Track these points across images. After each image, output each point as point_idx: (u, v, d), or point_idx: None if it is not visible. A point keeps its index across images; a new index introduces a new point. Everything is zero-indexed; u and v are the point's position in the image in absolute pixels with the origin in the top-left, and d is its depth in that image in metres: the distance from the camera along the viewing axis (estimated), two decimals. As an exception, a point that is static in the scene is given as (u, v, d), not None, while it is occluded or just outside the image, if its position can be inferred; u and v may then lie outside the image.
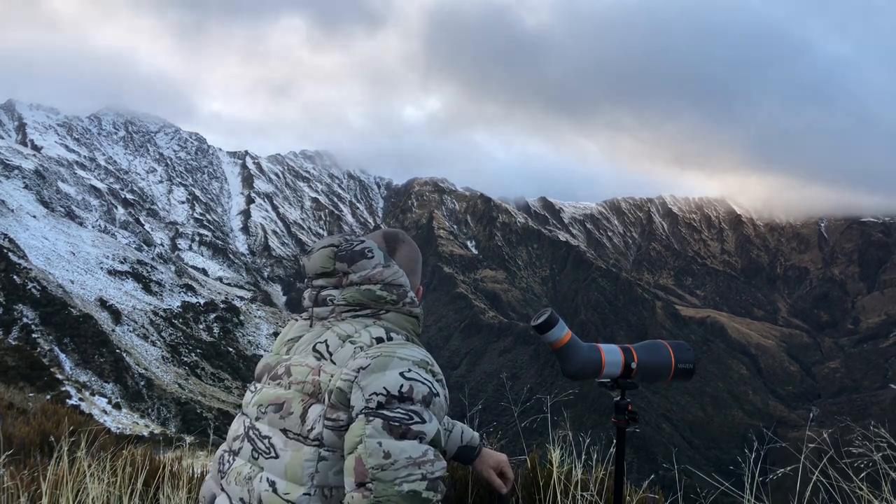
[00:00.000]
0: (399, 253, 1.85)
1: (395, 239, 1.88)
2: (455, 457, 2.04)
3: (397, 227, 1.90)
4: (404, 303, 1.75)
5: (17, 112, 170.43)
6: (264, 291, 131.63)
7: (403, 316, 1.74)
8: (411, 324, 1.75)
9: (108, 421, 19.42)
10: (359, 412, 1.48)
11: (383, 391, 1.47)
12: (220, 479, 1.69)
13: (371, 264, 1.74)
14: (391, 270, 1.76)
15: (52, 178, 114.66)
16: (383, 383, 1.48)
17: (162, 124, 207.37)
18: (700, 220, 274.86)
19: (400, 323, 1.73)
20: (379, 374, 1.50)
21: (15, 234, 70.93)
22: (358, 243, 1.78)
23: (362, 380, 1.51)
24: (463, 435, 2.05)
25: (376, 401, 1.46)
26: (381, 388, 1.48)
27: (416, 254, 1.90)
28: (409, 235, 1.95)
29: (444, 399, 1.57)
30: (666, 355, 1.83)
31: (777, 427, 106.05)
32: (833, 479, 2.11)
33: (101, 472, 2.62)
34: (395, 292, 1.74)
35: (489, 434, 2.74)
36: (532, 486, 2.36)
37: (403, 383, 1.48)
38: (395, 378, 1.49)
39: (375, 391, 1.48)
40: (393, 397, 1.46)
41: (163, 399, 52.07)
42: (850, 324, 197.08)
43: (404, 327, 1.73)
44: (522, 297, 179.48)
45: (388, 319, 1.72)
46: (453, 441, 2.03)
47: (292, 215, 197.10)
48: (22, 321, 52.86)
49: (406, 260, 1.85)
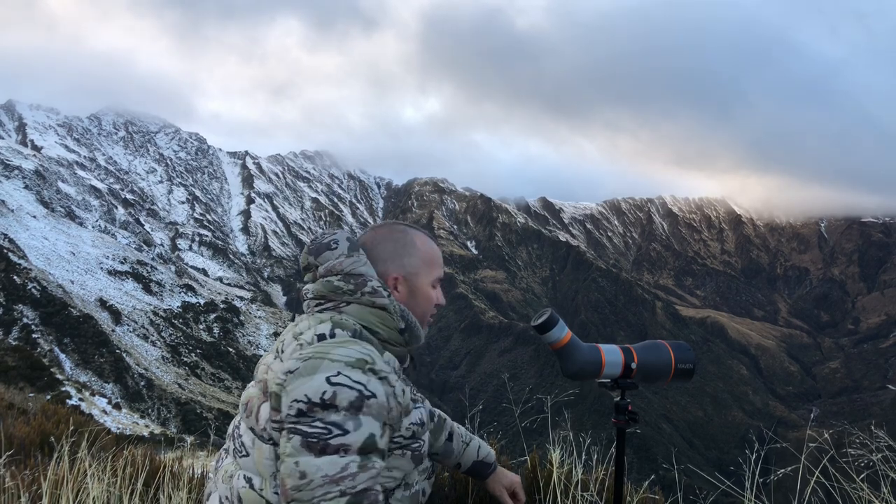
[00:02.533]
0: (374, 239, 1.75)
1: (375, 227, 1.80)
2: (469, 471, 2.03)
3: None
4: (363, 292, 1.63)
5: (17, 112, 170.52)
6: (264, 292, 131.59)
7: (367, 308, 1.63)
8: (378, 317, 1.63)
9: (108, 421, 19.41)
10: (283, 422, 1.43)
11: (304, 398, 1.39)
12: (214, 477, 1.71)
13: (334, 255, 1.68)
14: (351, 260, 1.67)
15: (52, 179, 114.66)
16: (305, 390, 1.40)
17: (162, 124, 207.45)
18: (700, 220, 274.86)
19: (362, 316, 1.63)
20: (305, 378, 1.42)
21: (15, 234, 70.96)
22: (328, 236, 1.73)
23: (289, 384, 1.44)
24: (480, 450, 2.02)
25: (296, 408, 1.40)
26: (303, 395, 1.40)
27: (398, 239, 1.75)
28: (409, 225, 1.83)
29: (386, 398, 1.47)
30: (666, 355, 1.82)
31: (777, 427, 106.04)
32: (833, 480, 2.12)
33: (101, 472, 2.62)
34: (353, 282, 1.64)
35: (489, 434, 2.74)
36: (532, 487, 2.36)
37: (327, 390, 1.39)
38: (320, 384, 1.40)
39: (297, 398, 1.41)
40: (314, 405, 1.38)
41: (163, 399, 52.07)
42: (850, 324, 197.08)
43: (367, 320, 1.63)
44: (522, 297, 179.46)
45: (349, 312, 1.63)
46: (468, 455, 2.00)
47: (292, 215, 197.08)
48: (22, 321, 52.88)
49: (380, 245, 1.74)
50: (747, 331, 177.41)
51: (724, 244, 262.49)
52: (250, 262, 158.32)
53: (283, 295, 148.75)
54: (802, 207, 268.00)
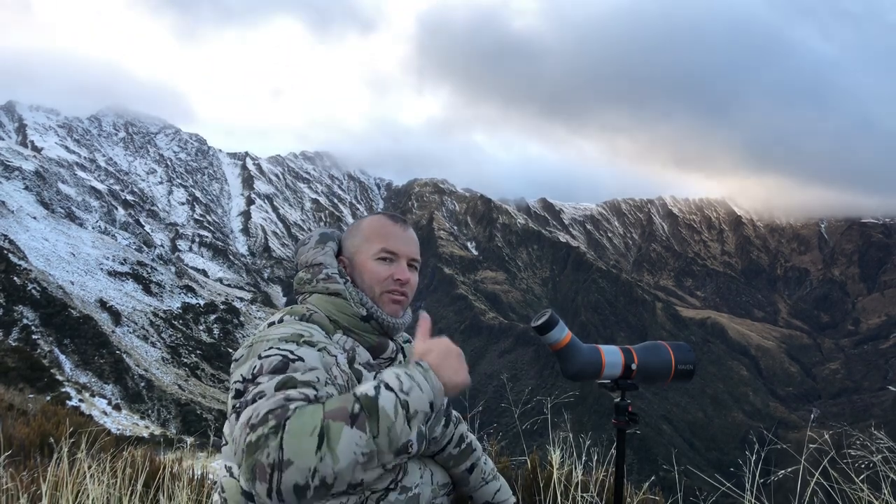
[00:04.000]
0: (350, 226, 1.79)
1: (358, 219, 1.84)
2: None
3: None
4: (317, 280, 1.66)
5: (17, 113, 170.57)
6: (264, 292, 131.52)
7: (323, 296, 1.65)
8: (334, 304, 1.63)
9: (107, 422, 19.40)
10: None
11: (239, 378, 1.40)
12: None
13: (305, 250, 1.73)
14: (315, 251, 1.70)
15: (53, 180, 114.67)
16: (241, 371, 1.41)
17: (162, 125, 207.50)
18: (700, 221, 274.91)
19: (320, 304, 1.64)
20: (243, 363, 1.44)
21: (15, 235, 70.95)
22: (308, 234, 1.77)
23: (233, 372, 1.46)
24: (497, 494, 1.94)
25: (234, 389, 1.40)
26: (239, 375, 1.41)
27: (352, 226, 1.79)
28: (378, 212, 1.84)
29: (314, 359, 1.42)
30: (666, 356, 1.82)
31: (777, 428, 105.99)
32: (834, 481, 2.11)
33: (101, 473, 2.62)
34: (311, 271, 1.68)
35: (489, 436, 2.75)
36: (532, 488, 2.37)
37: (256, 364, 1.39)
38: (253, 362, 1.40)
39: (236, 380, 1.42)
40: (247, 381, 1.37)
41: (163, 400, 52.02)
42: (850, 325, 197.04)
43: (325, 309, 1.63)
44: (522, 298, 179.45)
45: (312, 302, 1.65)
46: (482, 494, 1.92)
47: (292, 216, 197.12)
48: (22, 322, 52.84)
49: (350, 228, 1.78)
50: (747, 332, 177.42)
51: (725, 245, 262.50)
52: (250, 263, 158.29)
53: (283, 296, 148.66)
54: (802, 208, 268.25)
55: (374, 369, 1.63)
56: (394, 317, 1.69)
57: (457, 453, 1.87)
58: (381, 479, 1.54)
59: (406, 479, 1.62)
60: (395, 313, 1.70)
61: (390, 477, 1.57)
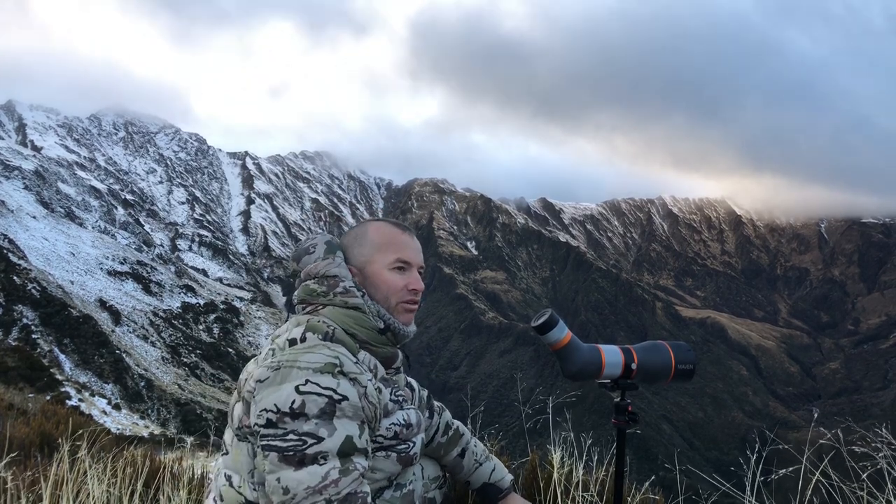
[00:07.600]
0: (346, 240, 1.76)
1: (356, 225, 1.82)
2: (479, 492, 2.01)
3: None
4: (335, 293, 1.64)
5: (17, 112, 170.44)
6: (264, 292, 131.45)
7: (340, 309, 1.63)
8: (353, 318, 1.62)
9: (107, 422, 19.42)
10: (252, 429, 1.46)
11: (273, 408, 1.40)
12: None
13: (312, 259, 1.70)
14: (326, 262, 1.67)
15: (52, 179, 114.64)
16: (274, 399, 1.41)
17: (162, 125, 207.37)
18: (700, 220, 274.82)
19: (337, 317, 1.62)
20: (274, 388, 1.42)
21: (15, 234, 70.92)
22: (308, 241, 1.74)
23: (258, 394, 1.45)
24: (493, 473, 1.98)
25: (265, 418, 1.41)
26: (272, 404, 1.40)
27: (356, 234, 1.77)
28: (377, 218, 1.86)
29: (359, 397, 1.47)
30: (666, 356, 1.82)
31: (777, 428, 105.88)
32: (834, 481, 2.11)
33: (101, 473, 2.62)
34: (326, 283, 1.65)
35: (490, 435, 2.75)
36: (532, 487, 2.37)
37: (296, 399, 1.39)
38: (289, 393, 1.40)
39: (266, 407, 1.41)
40: (284, 414, 1.39)
41: (163, 400, 52.02)
42: (850, 325, 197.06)
43: (343, 322, 1.61)
44: (522, 297, 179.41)
45: (325, 315, 1.63)
46: (479, 476, 1.97)
47: (292, 216, 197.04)
48: (22, 322, 52.82)
49: (347, 245, 1.75)
50: (747, 331, 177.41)
51: (725, 245, 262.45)
52: (250, 263, 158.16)
53: (282, 295, 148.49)
54: (802, 208, 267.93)
55: (389, 384, 1.65)
56: (407, 326, 1.71)
57: (445, 441, 1.94)
58: (379, 481, 1.60)
59: (401, 476, 1.65)
60: (408, 322, 1.71)
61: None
